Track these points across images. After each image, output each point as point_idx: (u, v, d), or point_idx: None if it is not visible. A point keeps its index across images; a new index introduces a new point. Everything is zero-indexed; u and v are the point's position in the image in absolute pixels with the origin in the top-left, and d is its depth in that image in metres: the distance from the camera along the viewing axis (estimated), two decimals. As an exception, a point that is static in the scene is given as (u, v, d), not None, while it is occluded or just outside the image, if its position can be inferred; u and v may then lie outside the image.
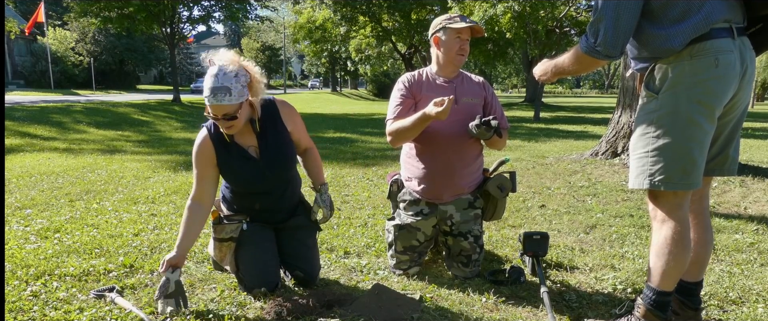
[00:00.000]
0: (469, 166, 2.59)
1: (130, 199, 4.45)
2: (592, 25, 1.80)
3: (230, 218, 2.37)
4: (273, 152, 2.30)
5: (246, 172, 2.29)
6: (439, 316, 2.18)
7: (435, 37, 2.54)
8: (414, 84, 2.58)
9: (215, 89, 2.04)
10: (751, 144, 9.10)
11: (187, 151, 7.89)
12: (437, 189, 2.56)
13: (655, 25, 1.76)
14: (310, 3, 25.16)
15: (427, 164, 2.56)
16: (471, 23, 2.47)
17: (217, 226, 2.32)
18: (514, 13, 14.61)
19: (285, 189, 2.43)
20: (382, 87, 42.87)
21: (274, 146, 2.31)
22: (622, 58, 5.29)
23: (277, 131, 2.33)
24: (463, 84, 2.61)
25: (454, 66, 2.56)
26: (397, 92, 2.58)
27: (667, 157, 1.76)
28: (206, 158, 2.26)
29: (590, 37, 1.81)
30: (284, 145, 2.34)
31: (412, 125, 2.40)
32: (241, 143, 2.27)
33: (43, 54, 27.30)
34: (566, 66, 1.98)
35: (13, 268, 2.65)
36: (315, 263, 2.51)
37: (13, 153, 7.56)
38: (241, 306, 2.25)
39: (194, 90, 32.28)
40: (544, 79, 2.11)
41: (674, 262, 1.80)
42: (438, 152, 2.53)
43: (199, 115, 17.08)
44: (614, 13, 1.74)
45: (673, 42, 1.71)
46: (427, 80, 2.60)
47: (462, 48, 2.50)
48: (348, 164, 6.66)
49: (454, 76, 2.60)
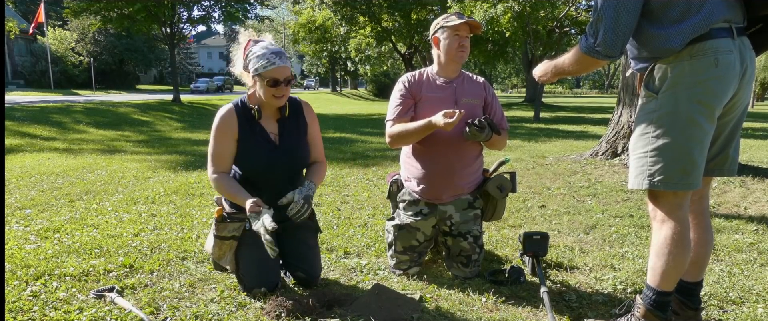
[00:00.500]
0: (468, 166, 2.59)
1: (130, 199, 4.45)
2: (592, 26, 1.80)
3: (233, 216, 2.35)
4: (292, 141, 2.35)
5: (263, 154, 2.29)
6: (439, 316, 2.18)
7: (434, 37, 2.56)
8: (414, 84, 2.58)
9: (278, 51, 2.15)
10: (751, 144, 9.10)
11: (187, 151, 7.90)
12: (437, 189, 2.56)
13: (654, 25, 1.76)
14: (310, 3, 25.16)
15: (426, 164, 2.56)
16: (467, 19, 2.48)
17: (219, 224, 2.30)
18: (514, 13, 14.62)
19: (292, 183, 2.41)
20: (382, 87, 42.86)
21: (294, 136, 2.36)
22: (622, 58, 5.29)
23: (298, 125, 2.40)
24: (463, 84, 2.61)
25: (456, 64, 2.57)
26: (397, 92, 2.59)
27: (667, 157, 1.76)
28: (229, 129, 2.26)
29: (590, 37, 1.81)
30: (302, 139, 2.41)
31: (415, 131, 2.43)
32: (264, 126, 2.31)
33: (43, 54, 27.30)
34: (566, 66, 1.98)
35: (13, 268, 2.65)
36: (316, 264, 2.51)
37: (13, 153, 7.56)
38: (241, 306, 2.25)
39: (194, 90, 32.29)
40: (544, 79, 2.11)
41: (674, 262, 1.80)
42: (438, 153, 2.53)
43: (199, 115, 17.08)
44: (614, 14, 1.74)
45: (673, 42, 1.71)
46: (427, 80, 2.60)
47: (461, 45, 2.51)
48: (348, 164, 6.66)
49: (454, 76, 2.61)
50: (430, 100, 2.54)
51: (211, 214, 3.89)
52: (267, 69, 2.18)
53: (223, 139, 2.28)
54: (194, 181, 5.26)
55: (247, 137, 2.29)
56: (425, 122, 2.36)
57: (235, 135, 2.28)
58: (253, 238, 2.33)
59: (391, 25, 23.57)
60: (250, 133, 2.29)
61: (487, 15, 15.05)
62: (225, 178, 2.26)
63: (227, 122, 2.28)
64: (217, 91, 34.56)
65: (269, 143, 2.31)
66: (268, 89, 2.22)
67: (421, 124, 2.38)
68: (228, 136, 2.28)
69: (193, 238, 3.25)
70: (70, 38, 30.10)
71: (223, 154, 2.28)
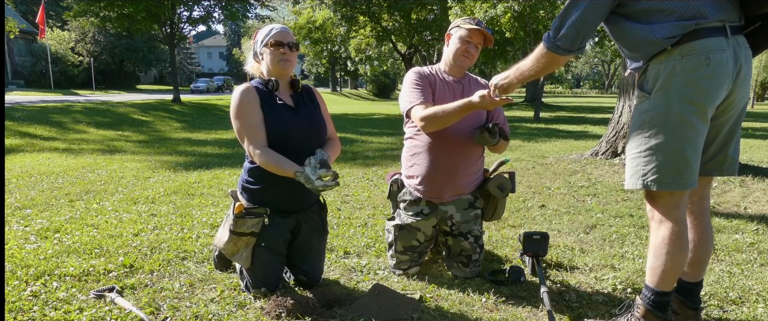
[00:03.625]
0: (471, 166, 2.59)
1: (130, 199, 4.45)
2: (557, 20, 1.82)
3: (251, 212, 2.31)
4: (309, 111, 2.41)
5: (286, 119, 2.31)
6: (439, 316, 2.18)
7: (448, 34, 2.60)
8: (428, 76, 2.59)
9: (281, 25, 2.35)
10: (751, 144, 9.10)
11: (188, 151, 7.90)
12: (439, 188, 2.56)
13: (639, 22, 1.77)
14: (310, 3, 25.15)
15: (430, 163, 2.55)
16: (482, 28, 2.48)
17: (238, 220, 2.27)
18: (514, 12, 14.62)
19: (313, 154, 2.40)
20: (382, 87, 42.85)
21: (310, 107, 2.43)
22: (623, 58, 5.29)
23: (313, 101, 2.47)
24: (470, 85, 2.63)
25: (458, 67, 2.58)
26: (412, 81, 2.55)
27: (660, 157, 1.76)
28: (253, 100, 2.29)
29: (551, 33, 1.83)
30: (317, 110, 2.46)
31: (453, 111, 2.32)
32: (282, 98, 2.37)
33: (43, 54, 27.30)
34: (527, 67, 1.98)
35: (13, 268, 2.65)
36: (318, 267, 2.51)
37: (13, 153, 7.56)
38: (241, 306, 2.25)
39: (194, 90, 32.28)
40: (505, 84, 2.08)
41: (672, 263, 1.80)
42: (442, 152, 2.53)
43: (200, 115, 17.08)
44: (581, 12, 1.77)
45: (657, 33, 1.72)
46: (437, 76, 2.62)
47: (467, 50, 2.52)
48: (348, 164, 6.66)
49: (461, 76, 2.63)
50: (442, 97, 2.54)
51: (211, 213, 3.89)
52: (270, 35, 2.31)
53: (250, 110, 2.28)
54: (194, 181, 5.26)
55: (268, 108, 2.31)
56: (465, 101, 2.27)
57: (258, 103, 2.30)
58: (269, 238, 2.34)
59: (391, 24, 23.56)
60: (270, 104, 2.32)
61: (487, 15, 15.05)
62: (270, 152, 2.23)
63: (249, 95, 2.30)
64: (217, 91, 34.59)
65: (289, 109, 2.35)
66: (275, 52, 2.30)
67: (460, 103, 2.30)
68: (253, 105, 2.28)
69: (193, 238, 3.26)
70: (69, 38, 30.09)
71: (256, 126, 2.27)
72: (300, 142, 2.31)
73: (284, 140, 2.28)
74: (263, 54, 2.35)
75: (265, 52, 2.34)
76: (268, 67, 2.35)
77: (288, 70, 2.36)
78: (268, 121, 2.28)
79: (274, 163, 2.20)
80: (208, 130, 12.48)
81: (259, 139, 2.25)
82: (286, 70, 2.35)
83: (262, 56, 2.36)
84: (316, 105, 2.48)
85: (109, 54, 32.13)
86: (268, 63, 2.34)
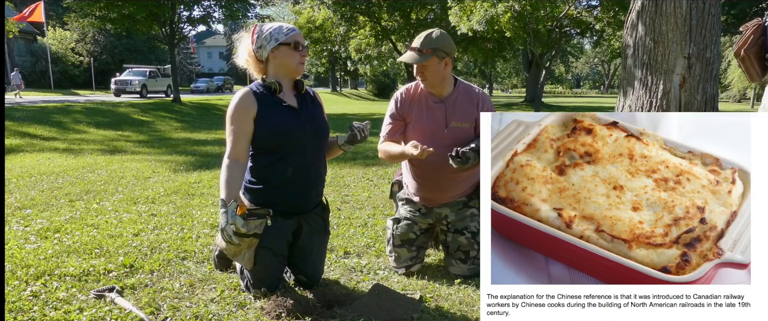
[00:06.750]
0: (462, 182, 2.59)
1: (130, 199, 4.45)
2: None
3: (254, 213, 2.30)
4: (313, 112, 2.40)
5: (288, 121, 2.29)
6: (439, 316, 2.18)
7: None
8: (405, 102, 2.57)
9: (294, 27, 2.35)
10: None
11: (188, 151, 7.90)
12: (429, 200, 2.63)
13: None
14: (309, 3, 25.16)
15: (419, 180, 2.61)
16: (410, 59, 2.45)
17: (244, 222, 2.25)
18: (514, 12, 14.64)
19: (319, 154, 2.40)
20: (382, 87, 42.85)
21: (312, 108, 2.41)
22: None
23: (315, 102, 2.46)
24: (454, 105, 2.51)
25: (430, 87, 2.52)
26: (390, 110, 2.61)
27: None
28: (246, 110, 2.25)
29: None
30: (320, 112, 2.46)
31: (395, 155, 2.49)
32: (285, 99, 2.34)
33: (43, 54, 27.29)
34: None
35: (13, 268, 2.65)
36: (319, 268, 2.51)
37: (13, 153, 7.56)
38: (241, 306, 2.25)
39: (194, 90, 32.26)
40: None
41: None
42: (428, 173, 2.57)
43: (200, 115, 17.09)
44: None
45: None
46: (420, 97, 2.56)
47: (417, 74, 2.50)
48: (348, 164, 6.66)
49: (446, 93, 2.53)
50: (420, 121, 2.53)
51: (211, 213, 3.89)
52: (289, 35, 2.27)
53: (240, 118, 2.25)
54: (194, 181, 5.26)
55: (268, 113, 2.27)
56: (401, 151, 2.40)
57: (252, 114, 2.25)
58: (271, 239, 2.32)
59: (391, 24, 23.58)
60: (270, 107, 2.28)
61: (487, 15, 15.06)
62: (230, 169, 2.21)
63: (245, 102, 2.26)
64: (217, 91, 34.55)
65: (291, 110, 2.32)
66: (294, 53, 2.28)
67: (398, 150, 2.44)
68: (245, 117, 2.25)
69: (193, 238, 3.26)
70: (70, 38, 30.09)
71: (239, 136, 2.23)
72: (302, 139, 2.31)
73: (286, 142, 2.28)
74: (276, 53, 2.27)
75: (282, 52, 2.27)
76: (280, 67, 2.31)
77: (302, 71, 2.36)
78: (270, 123, 2.26)
79: (222, 178, 2.20)
80: (208, 130, 12.49)
81: (235, 149, 2.23)
82: (302, 71, 2.35)
83: (273, 54, 2.28)
84: (319, 106, 2.47)
85: (109, 54, 32.12)
86: (283, 63, 2.29)
